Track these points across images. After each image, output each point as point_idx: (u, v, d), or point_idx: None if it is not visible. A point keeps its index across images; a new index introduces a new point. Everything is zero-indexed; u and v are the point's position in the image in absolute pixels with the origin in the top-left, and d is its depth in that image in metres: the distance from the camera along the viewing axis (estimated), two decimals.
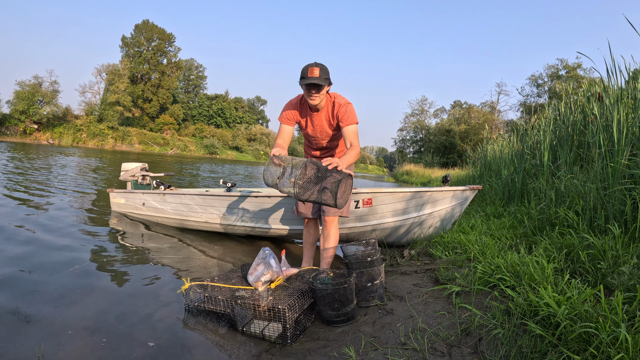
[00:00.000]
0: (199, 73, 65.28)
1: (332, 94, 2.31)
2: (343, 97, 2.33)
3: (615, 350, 1.13)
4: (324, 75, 2.14)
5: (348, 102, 2.30)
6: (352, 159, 2.05)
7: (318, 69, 2.12)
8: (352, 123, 2.23)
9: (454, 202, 3.05)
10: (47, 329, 1.65)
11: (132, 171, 4.67)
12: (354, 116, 2.27)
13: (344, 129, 2.24)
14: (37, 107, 35.99)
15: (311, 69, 2.12)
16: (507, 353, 1.34)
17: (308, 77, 2.11)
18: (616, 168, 2.46)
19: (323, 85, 2.14)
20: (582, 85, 5.27)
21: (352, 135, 2.21)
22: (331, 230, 2.42)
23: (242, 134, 59.39)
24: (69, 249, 2.86)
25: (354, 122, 2.24)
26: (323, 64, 2.15)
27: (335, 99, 2.30)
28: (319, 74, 2.12)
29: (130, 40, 51.73)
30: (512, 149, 5.46)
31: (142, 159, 20.89)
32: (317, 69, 2.12)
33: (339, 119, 2.27)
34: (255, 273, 1.93)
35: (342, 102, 2.28)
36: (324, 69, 2.14)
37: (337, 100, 2.29)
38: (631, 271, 1.59)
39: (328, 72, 2.18)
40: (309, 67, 2.13)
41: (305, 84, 2.14)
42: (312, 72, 2.11)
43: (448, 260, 2.41)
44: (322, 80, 2.11)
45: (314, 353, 1.57)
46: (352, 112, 2.26)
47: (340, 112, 2.26)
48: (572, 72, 35.61)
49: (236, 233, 3.64)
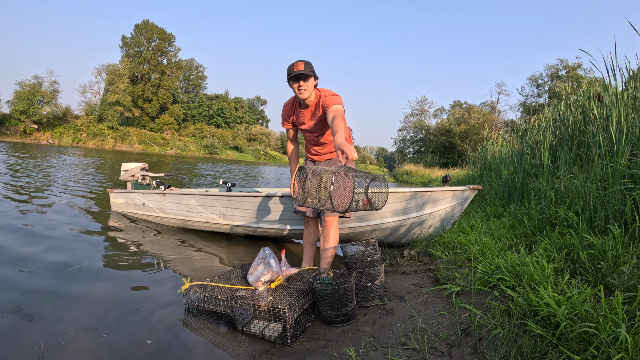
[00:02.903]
0: (199, 73, 65.27)
1: (320, 89, 2.37)
2: (330, 90, 2.38)
3: (615, 350, 1.13)
4: (309, 68, 2.23)
5: (334, 93, 2.30)
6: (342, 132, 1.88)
7: (302, 63, 2.22)
8: (334, 103, 2.18)
9: (454, 202, 3.05)
10: (47, 329, 1.65)
11: (132, 171, 4.67)
12: (338, 101, 2.21)
13: (328, 110, 2.18)
14: (37, 107, 35.96)
15: (295, 65, 2.22)
16: (507, 353, 1.34)
17: (293, 71, 2.21)
18: (616, 168, 2.46)
19: (310, 76, 2.22)
20: (582, 85, 5.27)
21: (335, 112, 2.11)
22: (331, 230, 2.42)
23: (242, 134, 59.41)
24: (69, 249, 2.86)
25: (336, 102, 2.19)
26: (307, 60, 2.25)
27: (322, 92, 2.36)
28: (304, 67, 2.21)
29: (130, 40, 51.74)
30: (512, 149, 5.46)
31: (142, 159, 20.89)
32: (301, 63, 2.22)
33: (324, 104, 2.26)
34: (255, 273, 1.93)
35: (327, 93, 2.33)
36: (307, 63, 2.24)
37: (324, 93, 2.36)
38: (631, 271, 1.59)
39: (312, 66, 2.28)
40: (293, 63, 2.24)
41: (292, 77, 2.23)
42: (297, 67, 2.21)
43: (448, 260, 2.41)
44: (307, 71, 2.21)
45: (314, 353, 1.57)
46: (337, 98, 2.24)
47: (326, 101, 2.27)
48: (572, 72, 35.56)
49: (236, 233, 3.65)
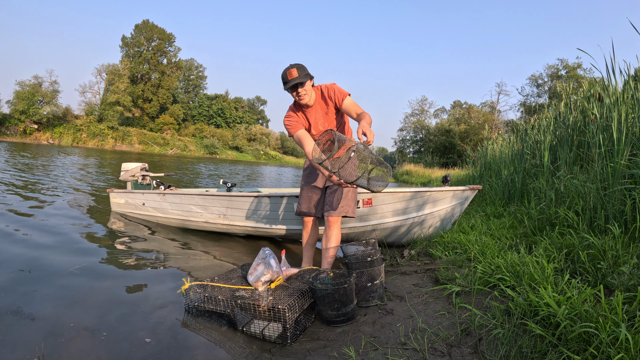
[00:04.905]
0: (199, 73, 65.27)
1: (317, 86, 2.40)
2: (325, 83, 2.43)
3: (615, 350, 1.13)
4: (302, 73, 2.24)
5: (331, 83, 2.40)
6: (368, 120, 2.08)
7: (295, 69, 2.22)
8: (345, 96, 2.34)
9: (454, 202, 3.05)
10: (47, 329, 1.65)
11: (132, 171, 4.67)
12: (342, 90, 2.36)
13: (342, 106, 2.34)
14: (37, 107, 35.97)
15: (289, 72, 2.22)
16: (507, 353, 1.34)
17: (289, 80, 2.22)
18: (616, 168, 2.46)
19: (305, 81, 2.23)
20: (582, 85, 5.27)
21: (353, 105, 2.30)
22: (334, 231, 2.42)
23: (242, 134, 59.41)
24: (69, 249, 2.86)
25: (346, 95, 2.34)
26: (298, 63, 2.26)
27: (321, 87, 2.39)
28: (298, 73, 2.22)
29: (130, 40, 51.73)
30: (512, 149, 5.46)
31: (142, 159, 20.89)
32: (294, 69, 2.22)
33: (331, 100, 2.36)
34: (255, 273, 1.93)
35: (326, 85, 2.38)
36: (301, 67, 2.25)
37: (322, 87, 2.39)
38: (631, 271, 1.59)
39: (306, 69, 2.28)
40: (286, 71, 2.24)
41: (289, 87, 2.24)
42: (291, 74, 2.22)
43: (448, 260, 2.41)
44: (302, 77, 2.22)
45: (314, 353, 1.57)
46: (339, 88, 2.37)
47: (329, 93, 2.36)
48: (572, 72, 35.52)
49: (236, 233, 3.65)
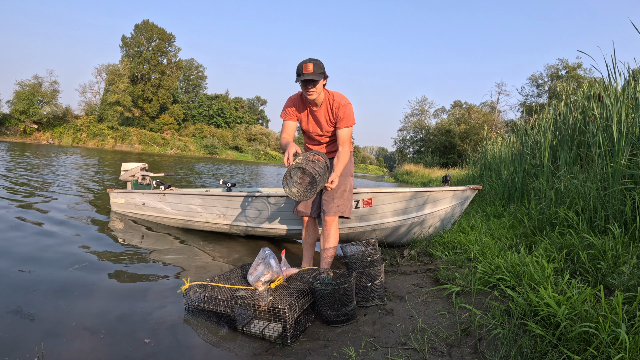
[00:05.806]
0: (199, 73, 65.25)
1: (332, 92, 2.36)
2: (343, 96, 2.38)
3: (615, 350, 1.13)
4: (318, 70, 2.18)
5: (348, 102, 2.36)
6: (343, 165, 2.27)
7: (312, 64, 2.17)
8: (348, 126, 2.35)
9: (454, 202, 3.05)
10: (47, 329, 1.65)
11: (132, 171, 4.66)
12: (352, 118, 2.37)
13: (339, 131, 2.36)
14: (37, 107, 35.92)
15: (305, 65, 2.17)
16: (507, 353, 1.34)
17: (303, 73, 2.17)
18: (616, 168, 2.46)
19: (318, 80, 2.19)
20: (582, 85, 5.27)
21: (346, 137, 2.36)
22: (331, 230, 2.42)
23: (242, 134, 59.38)
24: (69, 249, 2.86)
25: (350, 125, 2.36)
26: (317, 59, 2.21)
27: (335, 97, 2.35)
28: (313, 69, 2.17)
29: (130, 40, 51.71)
30: (512, 149, 5.46)
31: (142, 159, 20.88)
32: (310, 64, 2.17)
33: (338, 117, 2.35)
34: (255, 273, 1.93)
35: (343, 102, 2.34)
36: (317, 64, 2.19)
37: (337, 98, 2.34)
38: (631, 271, 1.59)
39: (323, 67, 2.23)
40: (303, 63, 2.18)
41: (301, 81, 2.20)
42: (307, 68, 2.17)
43: (448, 260, 2.41)
44: (317, 75, 2.17)
45: (314, 353, 1.57)
46: (351, 114, 2.36)
47: (340, 112, 2.34)
48: (572, 72, 35.55)
49: (236, 233, 3.65)
